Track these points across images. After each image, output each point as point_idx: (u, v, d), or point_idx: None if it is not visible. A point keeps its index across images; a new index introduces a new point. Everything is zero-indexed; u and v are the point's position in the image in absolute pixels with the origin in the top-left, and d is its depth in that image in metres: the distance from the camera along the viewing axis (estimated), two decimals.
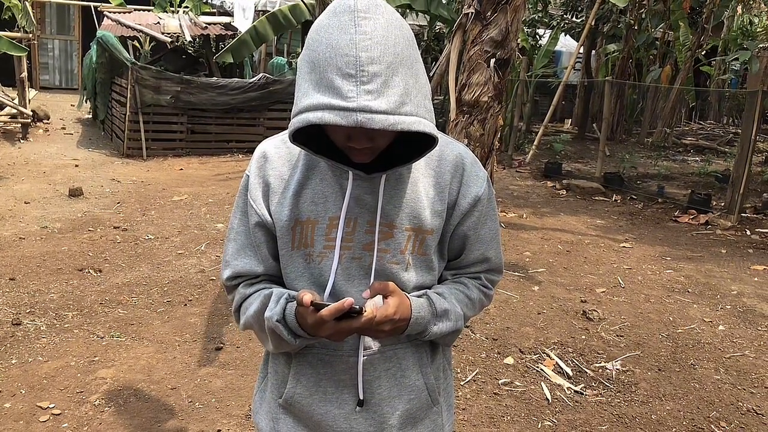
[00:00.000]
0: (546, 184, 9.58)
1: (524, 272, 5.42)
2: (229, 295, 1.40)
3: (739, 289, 5.27)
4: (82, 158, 9.46)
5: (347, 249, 1.25)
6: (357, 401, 1.30)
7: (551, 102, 11.54)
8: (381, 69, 1.07)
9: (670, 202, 8.37)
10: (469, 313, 1.39)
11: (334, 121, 1.06)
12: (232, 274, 1.35)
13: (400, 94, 1.09)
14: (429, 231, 1.29)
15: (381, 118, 1.06)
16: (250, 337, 3.94)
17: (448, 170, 1.32)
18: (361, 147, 1.16)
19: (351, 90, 1.06)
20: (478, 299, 1.40)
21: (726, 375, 3.81)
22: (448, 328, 1.32)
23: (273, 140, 1.36)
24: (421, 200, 1.29)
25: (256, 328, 1.34)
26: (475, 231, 1.36)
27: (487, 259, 1.40)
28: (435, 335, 1.31)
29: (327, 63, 1.08)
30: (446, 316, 1.31)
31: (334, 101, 1.07)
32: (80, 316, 4.13)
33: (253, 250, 1.33)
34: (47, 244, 5.46)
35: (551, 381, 3.64)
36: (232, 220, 1.37)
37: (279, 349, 1.32)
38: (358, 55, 1.07)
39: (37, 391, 3.25)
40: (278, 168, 1.31)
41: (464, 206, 1.33)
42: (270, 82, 10.37)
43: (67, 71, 17.96)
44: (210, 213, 6.73)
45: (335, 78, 1.07)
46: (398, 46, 1.10)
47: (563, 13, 14.58)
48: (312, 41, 1.13)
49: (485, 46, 4.12)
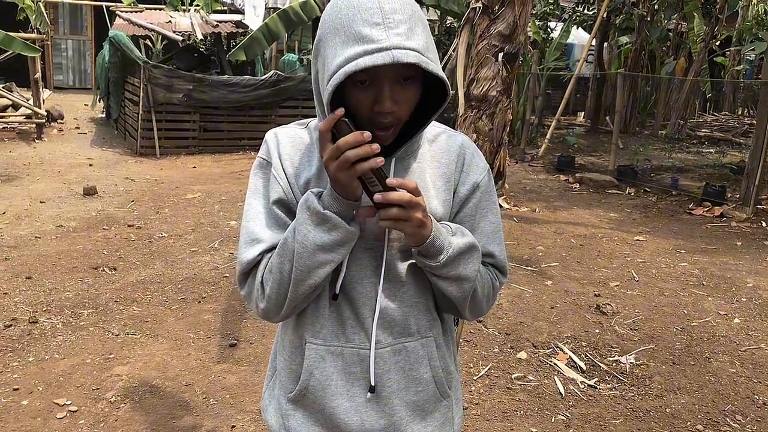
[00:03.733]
0: (559, 178, 9.54)
1: (537, 266, 5.40)
2: (248, 280, 1.29)
3: (755, 282, 5.23)
4: (96, 157, 9.53)
5: (360, 239, 1.26)
6: (369, 387, 1.30)
7: (563, 95, 11.48)
8: (405, 17, 1.13)
9: (685, 195, 8.31)
10: (479, 278, 1.31)
11: (371, 63, 1.08)
12: (267, 248, 1.26)
13: (425, 41, 1.15)
14: (439, 219, 1.30)
15: (414, 54, 1.11)
16: (264, 333, 3.96)
17: (453, 160, 1.34)
18: (388, 110, 1.16)
19: (380, 34, 1.10)
20: (487, 276, 1.36)
21: (742, 368, 3.78)
22: (465, 243, 1.26)
23: (282, 128, 1.36)
24: (428, 189, 1.30)
25: (286, 266, 1.22)
26: (473, 220, 1.35)
27: (489, 253, 1.37)
28: (456, 248, 1.24)
29: (351, 20, 1.12)
30: (461, 234, 1.27)
31: (366, 47, 1.10)
32: (95, 314, 4.17)
33: (278, 226, 1.28)
34: (62, 243, 5.51)
35: (564, 375, 3.63)
36: (250, 201, 1.31)
37: (308, 275, 1.21)
38: (382, 6, 1.12)
39: (54, 388, 3.28)
40: (290, 153, 1.31)
41: (463, 193, 1.34)
42: (281, 79, 10.40)
43: (80, 71, 18.10)
44: (223, 210, 6.76)
45: (363, 29, 1.11)
46: (414, 6, 1.17)
47: (575, 5, 14.47)
48: (328, 17, 1.17)
49: (493, 41, 4.11)
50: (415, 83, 1.19)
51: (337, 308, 1.30)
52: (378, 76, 1.14)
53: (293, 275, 1.21)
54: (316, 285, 1.23)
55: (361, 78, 1.14)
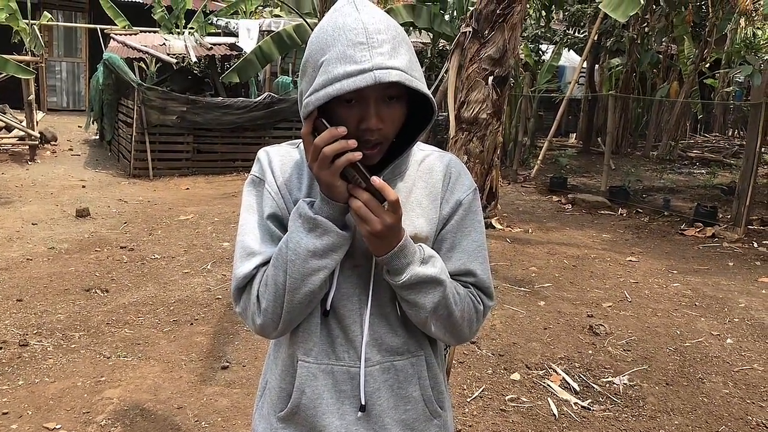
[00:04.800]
0: (551, 199, 9.58)
1: (530, 287, 5.41)
2: (243, 296, 1.29)
3: (747, 302, 5.24)
4: (89, 179, 9.52)
5: (349, 257, 1.27)
6: (359, 407, 1.30)
7: (555, 117, 11.57)
8: (388, 38, 1.15)
9: (676, 216, 8.35)
10: (455, 303, 1.29)
11: (353, 86, 1.10)
12: (262, 261, 1.27)
13: (408, 60, 1.17)
14: (424, 238, 1.31)
15: (397, 72, 1.13)
16: (256, 356, 3.94)
17: (439, 179, 1.35)
18: (374, 127, 1.18)
19: (364, 55, 1.12)
20: (468, 299, 1.33)
21: (735, 389, 3.78)
22: (428, 274, 1.24)
23: (273, 147, 1.38)
24: (413, 209, 1.31)
25: (280, 277, 1.22)
26: (454, 237, 1.34)
27: (470, 272, 1.35)
28: (415, 276, 1.22)
29: (335, 40, 1.14)
30: (431, 264, 1.25)
31: (349, 68, 1.12)
32: (87, 336, 4.15)
33: (273, 240, 1.28)
34: (54, 265, 5.49)
35: (558, 396, 3.62)
36: (244, 217, 1.32)
37: (302, 282, 1.21)
38: (366, 27, 1.14)
39: (44, 412, 3.25)
40: (282, 171, 1.33)
41: (446, 210, 1.35)
42: (275, 101, 10.45)
43: (74, 93, 18.13)
44: (216, 232, 6.76)
45: (346, 49, 1.13)
46: (398, 28, 1.19)
47: (566, 28, 14.65)
48: (314, 38, 1.19)
49: (483, 64, 4.16)
50: (401, 102, 1.21)
51: (327, 326, 1.31)
52: (363, 95, 1.16)
53: (287, 284, 1.22)
54: (311, 293, 1.23)
55: (347, 97, 1.16)
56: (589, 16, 13.09)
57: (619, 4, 6.09)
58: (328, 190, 1.17)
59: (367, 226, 1.16)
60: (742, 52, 13.58)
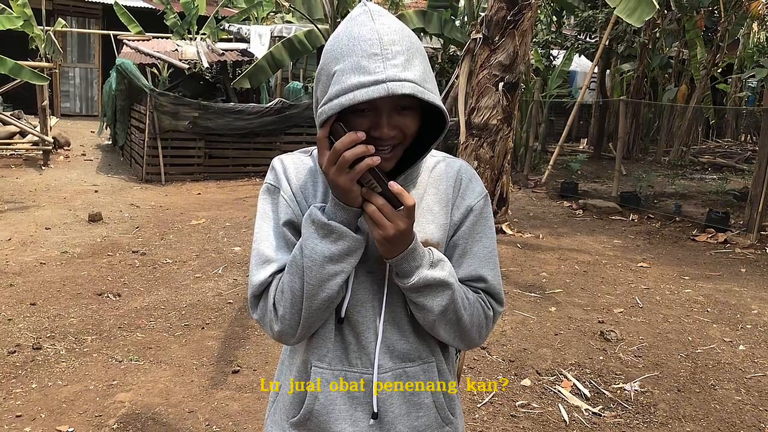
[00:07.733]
0: (562, 204, 9.56)
1: (541, 293, 5.39)
2: (259, 303, 1.30)
3: (760, 309, 5.21)
4: (102, 184, 9.60)
5: (363, 263, 1.28)
6: (372, 414, 1.31)
7: (566, 122, 11.54)
8: (403, 49, 1.15)
9: (688, 221, 8.31)
10: (464, 308, 1.30)
11: (366, 97, 1.11)
12: (278, 269, 1.27)
13: (422, 72, 1.17)
14: (436, 244, 1.32)
15: (410, 85, 1.13)
16: (267, 360, 3.96)
17: (450, 185, 1.36)
18: (386, 137, 1.19)
19: (378, 66, 1.13)
20: (477, 304, 1.34)
21: (747, 396, 3.76)
22: (436, 278, 1.25)
23: (287, 155, 1.39)
24: (425, 215, 1.32)
25: (296, 284, 1.23)
26: (465, 242, 1.35)
27: (481, 278, 1.35)
28: (423, 279, 1.24)
29: (350, 51, 1.15)
30: (440, 267, 1.27)
31: (363, 78, 1.12)
32: (99, 340, 4.18)
33: (288, 247, 1.29)
34: (67, 269, 5.53)
35: (569, 403, 3.61)
36: (260, 225, 1.33)
37: (320, 288, 1.22)
38: (381, 37, 1.14)
39: (57, 415, 3.28)
40: (296, 178, 1.34)
41: (457, 217, 1.35)
42: (286, 107, 10.49)
43: (87, 98, 18.29)
44: (227, 236, 6.79)
45: (360, 59, 1.13)
46: (413, 38, 1.19)
47: (577, 33, 14.62)
48: (330, 46, 1.19)
49: (494, 70, 4.16)
50: (414, 112, 1.22)
51: (340, 332, 1.31)
52: (376, 106, 1.17)
53: (305, 290, 1.22)
54: (329, 299, 1.24)
55: (360, 107, 1.16)
56: (600, 22, 13.06)
57: (634, 9, 6.06)
58: (343, 194, 1.17)
59: (381, 230, 1.17)
60: (754, 57, 13.51)
